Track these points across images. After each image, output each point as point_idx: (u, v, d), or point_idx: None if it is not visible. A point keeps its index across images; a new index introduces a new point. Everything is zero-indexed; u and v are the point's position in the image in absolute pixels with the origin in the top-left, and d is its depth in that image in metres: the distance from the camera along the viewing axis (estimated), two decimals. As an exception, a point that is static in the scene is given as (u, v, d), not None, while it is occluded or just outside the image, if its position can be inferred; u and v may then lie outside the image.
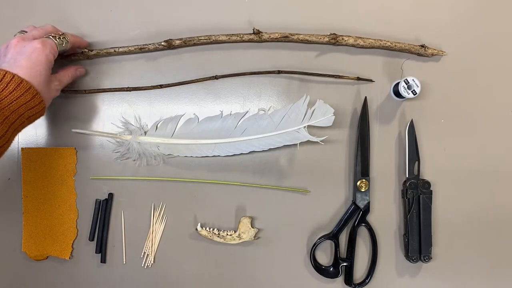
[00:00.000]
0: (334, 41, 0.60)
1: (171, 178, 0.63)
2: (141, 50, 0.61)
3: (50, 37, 0.54)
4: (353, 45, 0.61)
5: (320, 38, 0.61)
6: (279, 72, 0.62)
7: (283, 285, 0.63)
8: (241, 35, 0.61)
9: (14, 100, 0.48)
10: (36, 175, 0.63)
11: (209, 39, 0.61)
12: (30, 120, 0.52)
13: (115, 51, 0.62)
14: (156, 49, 0.62)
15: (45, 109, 0.53)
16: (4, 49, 0.53)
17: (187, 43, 0.61)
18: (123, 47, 0.62)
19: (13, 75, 0.48)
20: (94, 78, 0.63)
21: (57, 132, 0.63)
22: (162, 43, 0.61)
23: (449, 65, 0.63)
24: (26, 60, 0.50)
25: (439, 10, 0.64)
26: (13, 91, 0.48)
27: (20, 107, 0.49)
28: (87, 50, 0.61)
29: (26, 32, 0.56)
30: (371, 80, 0.62)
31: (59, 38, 0.55)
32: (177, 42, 0.61)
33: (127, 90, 0.63)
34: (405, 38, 0.62)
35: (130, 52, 0.62)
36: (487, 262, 0.63)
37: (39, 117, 0.53)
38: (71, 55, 0.62)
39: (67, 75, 0.59)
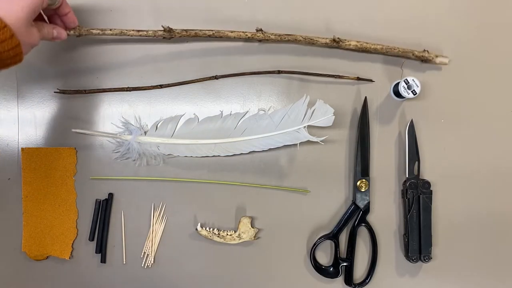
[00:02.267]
0: (337, 44, 0.60)
1: (171, 178, 0.63)
2: (139, 33, 0.58)
3: None
4: (355, 49, 0.61)
5: (323, 40, 0.60)
6: (279, 72, 0.62)
7: (283, 285, 0.63)
8: (244, 32, 0.59)
9: None
10: (36, 175, 0.63)
11: (212, 34, 0.59)
12: (2, 58, 0.45)
13: (110, 29, 0.58)
14: (154, 35, 0.59)
15: (22, 53, 0.47)
16: None
17: (188, 33, 0.59)
18: (119, 29, 0.58)
19: None
20: (94, 78, 0.63)
21: (57, 132, 0.63)
22: (162, 29, 0.58)
23: (449, 65, 0.63)
24: None
25: (439, 10, 0.64)
26: None
27: None
28: (79, 27, 0.57)
29: None
30: (371, 80, 0.63)
31: None
32: (178, 30, 0.59)
33: (127, 90, 0.63)
34: (405, 38, 0.62)
35: (125, 34, 0.59)
36: (487, 262, 0.63)
37: (12, 57, 0.46)
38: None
39: (46, 27, 0.53)
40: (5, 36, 0.44)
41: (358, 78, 0.62)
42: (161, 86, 0.63)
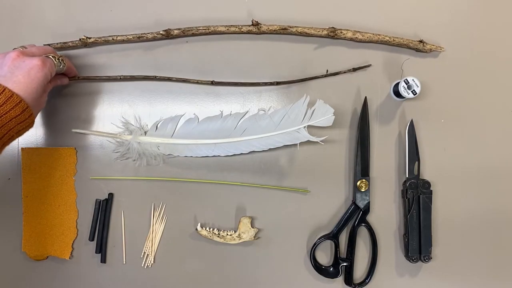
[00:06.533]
0: (333, 34, 0.60)
1: (171, 178, 0.63)
2: (139, 39, 0.61)
3: (50, 56, 0.54)
4: (351, 39, 0.61)
5: (318, 31, 0.61)
6: (277, 83, 0.62)
7: (283, 285, 0.63)
8: (240, 27, 0.61)
9: (4, 114, 0.48)
10: (36, 175, 0.63)
11: (208, 29, 0.61)
12: (19, 134, 0.52)
13: (113, 39, 0.61)
14: (154, 39, 0.62)
15: (34, 122, 0.53)
16: (0, 59, 0.51)
17: (185, 33, 0.61)
18: (121, 35, 0.61)
19: (4, 88, 0.48)
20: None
21: (57, 132, 0.63)
22: (161, 32, 0.61)
23: (449, 65, 0.63)
24: (24, 76, 0.50)
25: (438, 7, 0.64)
26: (3, 104, 0.47)
27: (10, 121, 0.49)
28: (84, 37, 0.61)
29: (26, 48, 0.55)
30: (367, 66, 0.62)
31: (58, 59, 0.55)
32: (176, 31, 0.61)
33: (120, 80, 0.63)
34: (404, 34, 0.62)
35: (128, 41, 0.62)
36: (487, 262, 0.63)
37: (27, 130, 0.53)
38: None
39: (52, 82, 0.58)
40: (25, 117, 0.50)
41: (354, 69, 0.62)
42: (155, 77, 0.62)
